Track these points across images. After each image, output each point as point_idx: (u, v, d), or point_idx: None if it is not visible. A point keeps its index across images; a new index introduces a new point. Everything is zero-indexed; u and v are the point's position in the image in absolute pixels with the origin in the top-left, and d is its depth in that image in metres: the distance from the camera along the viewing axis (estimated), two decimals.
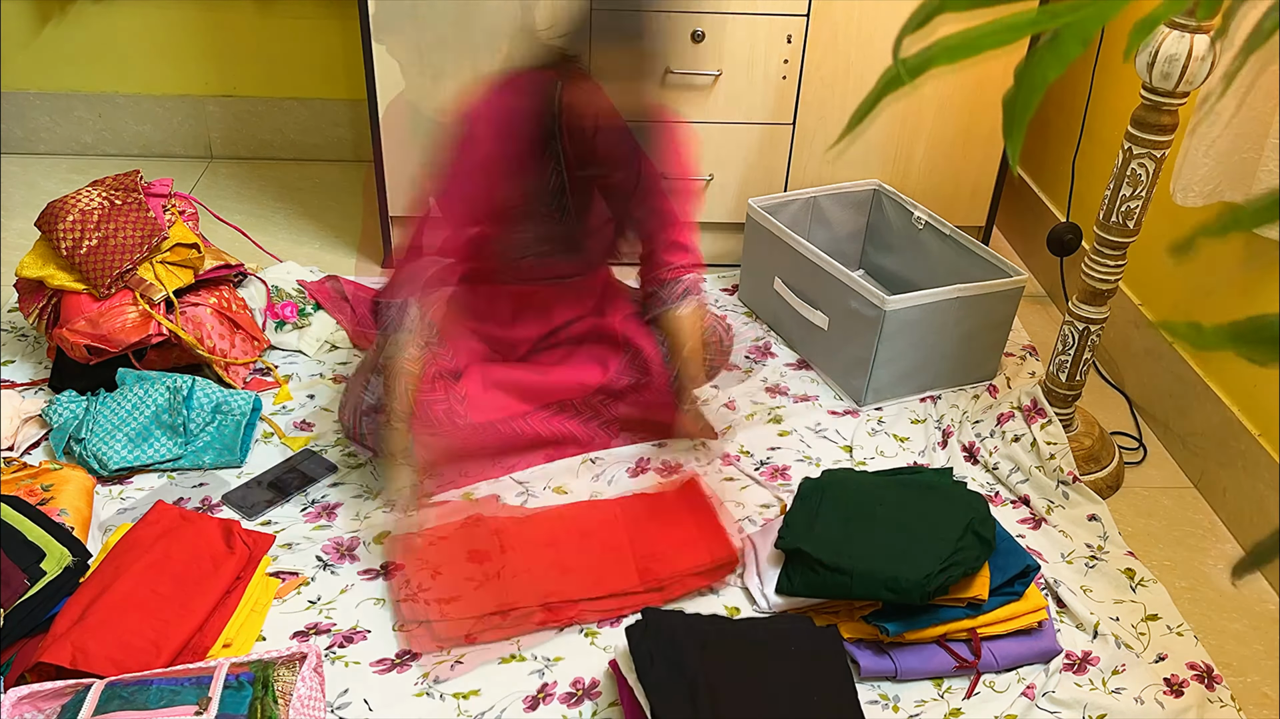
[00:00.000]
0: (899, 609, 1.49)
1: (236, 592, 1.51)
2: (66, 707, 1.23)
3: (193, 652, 1.41)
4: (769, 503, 1.80)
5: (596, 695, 1.46)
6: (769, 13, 2.18)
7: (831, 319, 2.08)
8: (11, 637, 1.37)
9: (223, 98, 2.83)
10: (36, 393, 1.95)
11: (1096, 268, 1.77)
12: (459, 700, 1.44)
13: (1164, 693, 1.51)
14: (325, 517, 1.72)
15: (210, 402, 1.83)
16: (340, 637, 1.52)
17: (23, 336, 2.10)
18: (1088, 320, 1.82)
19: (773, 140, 2.34)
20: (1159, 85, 1.57)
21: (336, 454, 1.86)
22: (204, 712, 1.20)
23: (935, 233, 2.23)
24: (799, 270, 2.14)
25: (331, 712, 1.41)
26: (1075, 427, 1.92)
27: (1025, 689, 1.49)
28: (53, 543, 1.47)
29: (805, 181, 2.40)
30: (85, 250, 1.89)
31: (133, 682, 1.25)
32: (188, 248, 2.00)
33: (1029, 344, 2.27)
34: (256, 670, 1.28)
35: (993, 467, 1.90)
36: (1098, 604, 1.64)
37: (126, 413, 1.79)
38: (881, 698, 1.48)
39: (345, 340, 2.16)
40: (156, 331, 1.90)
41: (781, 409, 2.04)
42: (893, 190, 2.34)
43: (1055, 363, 1.89)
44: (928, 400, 2.09)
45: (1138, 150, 1.65)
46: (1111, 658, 1.55)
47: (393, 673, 1.47)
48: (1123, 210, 1.70)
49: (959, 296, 1.99)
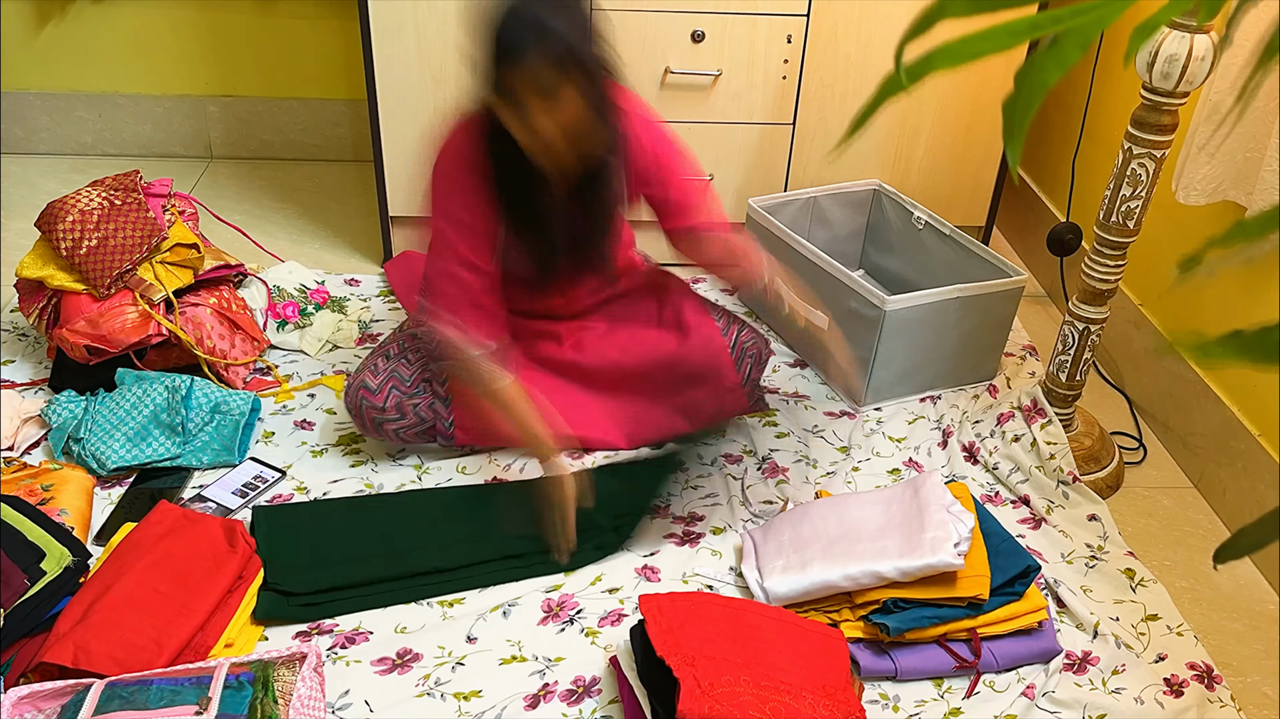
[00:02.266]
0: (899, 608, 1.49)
1: (239, 591, 1.51)
2: (66, 707, 1.23)
3: (195, 651, 1.41)
4: (771, 499, 1.81)
5: (597, 693, 1.46)
6: (769, 13, 2.18)
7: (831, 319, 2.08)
8: (11, 637, 1.38)
9: (223, 98, 2.83)
10: (36, 393, 1.95)
11: (1096, 268, 1.77)
12: (460, 701, 1.44)
13: (1164, 693, 1.51)
14: None
15: (209, 401, 1.83)
16: (342, 637, 1.52)
17: (23, 336, 2.10)
18: (1088, 320, 1.82)
19: (773, 140, 2.34)
20: (1159, 85, 1.57)
21: (338, 453, 1.86)
22: (204, 712, 1.20)
23: (935, 233, 2.23)
24: (799, 270, 2.14)
25: (332, 712, 1.41)
26: (1075, 427, 1.92)
27: (1025, 689, 1.49)
28: (53, 543, 1.47)
29: (805, 181, 2.40)
30: (85, 250, 1.89)
31: (133, 682, 1.25)
32: (187, 248, 2.00)
33: (1029, 344, 2.27)
34: (256, 670, 1.28)
35: (993, 467, 1.90)
36: (1098, 604, 1.64)
37: (125, 412, 1.79)
38: (881, 698, 1.48)
39: (347, 340, 2.16)
40: (156, 332, 1.90)
41: (780, 409, 2.04)
42: (893, 190, 2.34)
43: (1055, 363, 1.89)
44: (928, 400, 2.09)
45: (1138, 150, 1.65)
46: (1111, 658, 1.55)
47: (393, 673, 1.47)
48: (1123, 210, 1.70)
49: (959, 296, 1.99)
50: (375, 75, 2.18)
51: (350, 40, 2.75)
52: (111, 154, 2.88)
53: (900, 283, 2.32)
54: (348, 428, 1.91)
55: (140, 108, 2.82)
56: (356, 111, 2.86)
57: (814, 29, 2.21)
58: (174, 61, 2.77)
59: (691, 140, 2.30)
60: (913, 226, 2.28)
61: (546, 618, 1.57)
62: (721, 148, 2.33)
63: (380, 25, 2.13)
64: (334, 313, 2.20)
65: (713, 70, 2.23)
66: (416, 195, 2.33)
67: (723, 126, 2.31)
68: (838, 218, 2.38)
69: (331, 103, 2.86)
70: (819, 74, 2.26)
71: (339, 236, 2.58)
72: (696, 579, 1.66)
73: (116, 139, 2.86)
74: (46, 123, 2.83)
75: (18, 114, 2.81)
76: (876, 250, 2.41)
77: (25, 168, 2.79)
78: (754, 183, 2.38)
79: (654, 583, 1.65)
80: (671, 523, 1.76)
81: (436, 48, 2.16)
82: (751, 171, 2.37)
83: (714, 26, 2.18)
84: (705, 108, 2.28)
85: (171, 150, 2.89)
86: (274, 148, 2.91)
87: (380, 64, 2.17)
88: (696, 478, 1.86)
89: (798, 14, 2.19)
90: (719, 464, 1.89)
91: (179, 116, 2.84)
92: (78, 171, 2.78)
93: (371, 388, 1.75)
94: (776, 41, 2.21)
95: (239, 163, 2.89)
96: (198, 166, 2.87)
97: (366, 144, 2.87)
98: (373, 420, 1.76)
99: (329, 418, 1.95)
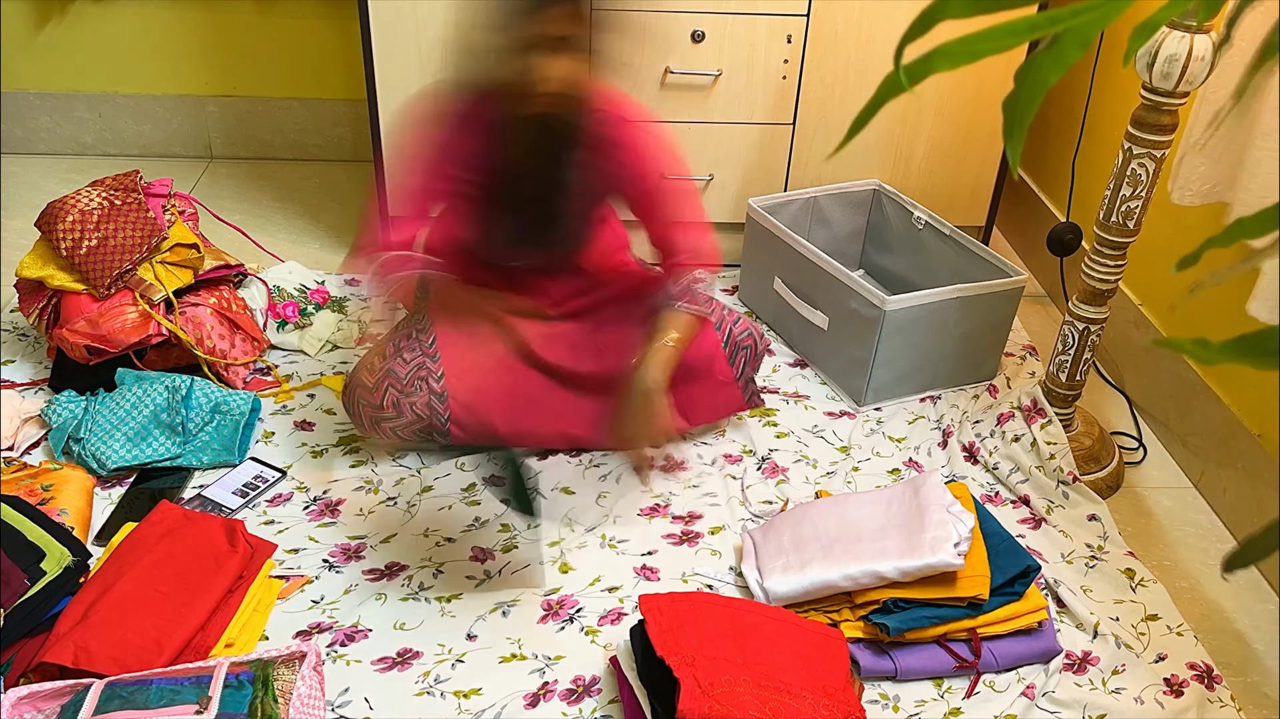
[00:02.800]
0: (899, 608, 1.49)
1: (239, 591, 1.51)
2: (66, 707, 1.23)
3: (195, 651, 1.41)
4: (771, 499, 1.81)
5: (597, 693, 1.46)
6: (769, 13, 2.18)
7: (831, 319, 2.08)
8: (11, 637, 1.38)
9: (223, 98, 2.83)
10: (36, 393, 1.95)
11: (1096, 268, 1.77)
12: (460, 699, 1.44)
13: (1164, 693, 1.51)
14: (329, 514, 1.72)
15: (209, 401, 1.83)
16: (341, 634, 1.52)
17: (23, 336, 2.10)
18: (1088, 320, 1.82)
19: (773, 140, 2.34)
20: (1159, 85, 1.57)
21: (338, 453, 1.86)
22: (204, 711, 1.21)
23: (935, 233, 2.23)
24: (799, 270, 2.14)
25: (332, 710, 1.41)
26: (1075, 427, 1.92)
27: (1025, 689, 1.49)
28: (53, 543, 1.47)
29: (805, 181, 2.40)
30: (85, 250, 1.89)
31: (132, 681, 1.25)
32: (187, 248, 2.00)
33: (1029, 344, 2.27)
34: (256, 669, 1.28)
35: (993, 467, 1.90)
36: (1098, 604, 1.64)
37: (125, 412, 1.79)
38: (881, 697, 1.48)
39: (347, 340, 2.16)
40: (156, 332, 1.90)
41: (779, 409, 2.04)
42: (893, 190, 2.34)
43: (1055, 363, 1.89)
44: (927, 400, 2.09)
45: (1138, 150, 1.65)
46: (1111, 658, 1.55)
47: (393, 671, 1.47)
48: (1123, 210, 1.70)
49: (959, 296, 2.00)
50: (375, 75, 2.18)
51: (350, 40, 2.75)
52: (111, 154, 2.88)
53: (900, 283, 2.32)
54: (348, 428, 1.91)
55: (140, 108, 2.82)
56: (356, 111, 2.86)
57: (814, 29, 2.21)
58: (174, 61, 2.77)
59: (691, 140, 2.31)
60: (913, 226, 2.28)
61: (546, 616, 1.57)
62: (721, 148, 2.33)
63: (380, 25, 2.13)
64: (334, 313, 2.20)
65: (713, 70, 2.23)
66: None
67: (723, 126, 2.31)
68: (838, 218, 2.38)
69: (331, 103, 2.86)
70: (819, 74, 2.26)
71: (339, 236, 2.58)
72: (696, 579, 1.66)
73: (116, 139, 2.86)
74: (46, 123, 2.83)
75: (18, 114, 2.81)
76: (876, 250, 2.41)
77: (25, 168, 2.79)
78: (754, 183, 2.38)
79: (654, 582, 1.65)
80: (671, 523, 1.76)
81: (436, 48, 2.16)
82: (751, 171, 2.37)
83: (714, 26, 2.18)
84: (705, 108, 2.28)
85: (171, 150, 2.89)
86: (274, 148, 2.91)
87: (380, 64, 2.17)
88: (696, 478, 1.86)
89: (798, 14, 2.19)
90: (719, 464, 1.89)
91: (179, 116, 2.84)
92: (78, 171, 2.78)
93: (368, 386, 1.75)
94: (776, 41, 2.21)
95: (239, 163, 2.90)
96: (198, 166, 2.87)
97: (366, 144, 2.87)
98: (370, 419, 1.76)
99: (329, 418, 1.95)
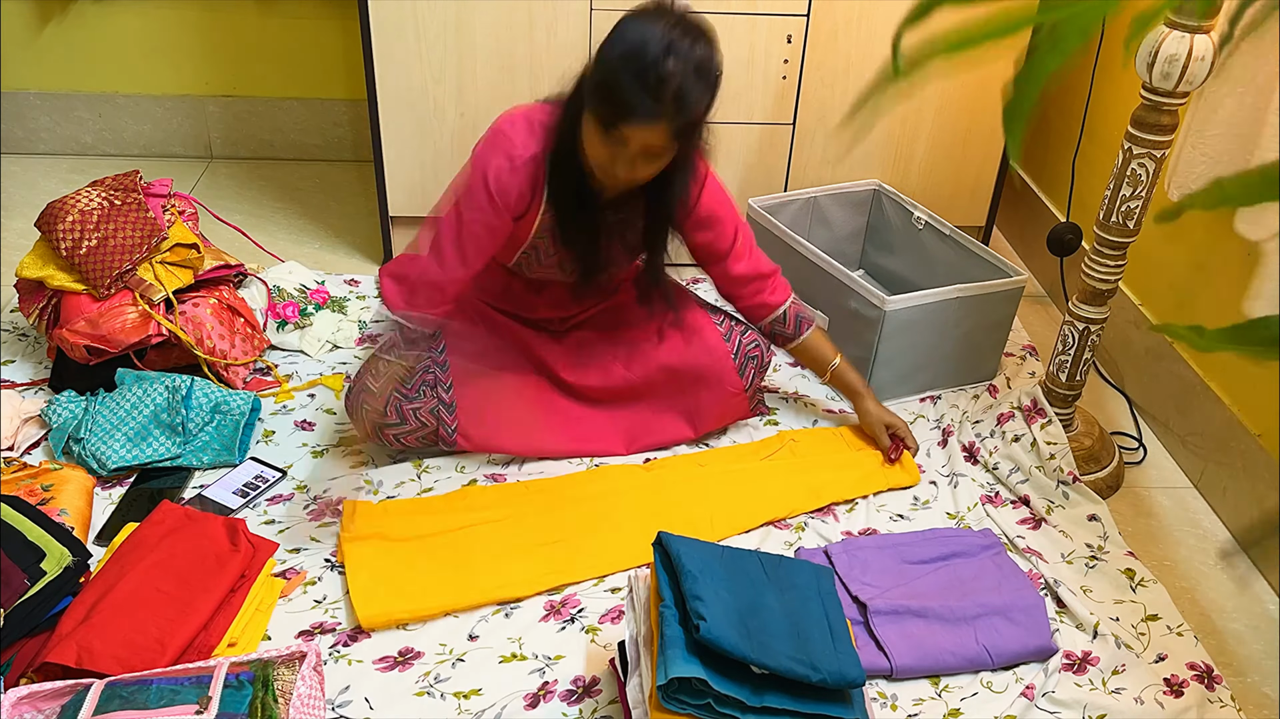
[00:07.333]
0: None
1: (241, 590, 1.51)
2: (66, 707, 1.23)
3: (197, 650, 1.41)
4: None
5: (597, 693, 1.46)
6: (769, 13, 2.18)
7: (832, 319, 2.08)
8: (11, 637, 1.38)
9: (223, 98, 2.83)
10: (36, 393, 1.95)
11: (1096, 268, 1.77)
12: (460, 699, 1.44)
13: (1164, 693, 1.51)
14: (329, 514, 1.72)
15: (209, 401, 1.83)
16: (344, 635, 1.52)
17: (23, 336, 2.10)
18: (1088, 320, 1.82)
19: (773, 140, 2.34)
20: (1159, 85, 1.57)
21: (338, 453, 1.86)
22: (204, 711, 1.20)
23: (935, 233, 2.23)
24: (799, 270, 2.14)
25: (332, 710, 1.41)
26: (1075, 427, 1.92)
27: (1025, 689, 1.49)
28: (53, 543, 1.47)
29: (805, 181, 2.40)
30: (85, 250, 1.89)
31: (133, 681, 1.25)
32: (187, 248, 2.00)
33: (1029, 344, 2.27)
34: (256, 669, 1.28)
35: (993, 467, 1.90)
36: (1098, 604, 1.64)
37: (125, 412, 1.79)
38: (880, 696, 1.48)
39: (347, 340, 2.16)
40: (156, 332, 1.90)
41: (780, 409, 2.04)
42: (893, 190, 2.34)
43: (1055, 363, 1.89)
44: (928, 400, 2.09)
45: (1138, 150, 1.65)
46: (1111, 658, 1.55)
47: (394, 671, 1.47)
48: (1123, 210, 1.70)
49: (959, 296, 2.00)
50: (375, 75, 2.18)
51: (350, 40, 2.75)
52: (111, 154, 2.88)
53: (900, 283, 2.32)
54: (348, 428, 1.91)
55: (140, 108, 2.82)
56: (356, 111, 2.86)
57: (814, 29, 2.21)
58: (174, 61, 2.77)
59: None
60: (913, 226, 2.28)
61: (547, 616, 1.57)
62: (721, 148, 2.31)
63: (380, 25, 2.13)
64: (334, 313, 2.20)
65: None
66: (417, 195, 2.34)
67: (722, 126, 2.30)
68: (838, 218, 2.38)
69: (331, 103, 2.86)
70: (819, 74, 2.26)
71: (339, 236, 2.58)
72: None
73: (116, 139, 2.86)
74: (46, 123, 2.83)
75: (18, 114, 2.81)
76: (876, 250, 2.41)
77: (25, 168, 2.79)
78: (754, 183, 2.38)
79: None
80: None
81: (436, 48, 2.17)
82: (751, 171, 2.37)
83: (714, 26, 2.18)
84: None
85: (171, 150, 2.89)
86: (274, 148, 2.91)
87: (380, 64, 2.17)
88: None
89: (798, 14, 2.19)
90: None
91: (179, 116, 2.84)
92: (78, 171, 2.78)
93: (374, 390, 1.74)
94: (776, 41, 2.21)
95: (239, 163, 2.90)
96: (198, 166, 2.87)
97: (366, 144, 2.88)
98: (373, 425, 1.76)
99: (329, 418, 1.95)
